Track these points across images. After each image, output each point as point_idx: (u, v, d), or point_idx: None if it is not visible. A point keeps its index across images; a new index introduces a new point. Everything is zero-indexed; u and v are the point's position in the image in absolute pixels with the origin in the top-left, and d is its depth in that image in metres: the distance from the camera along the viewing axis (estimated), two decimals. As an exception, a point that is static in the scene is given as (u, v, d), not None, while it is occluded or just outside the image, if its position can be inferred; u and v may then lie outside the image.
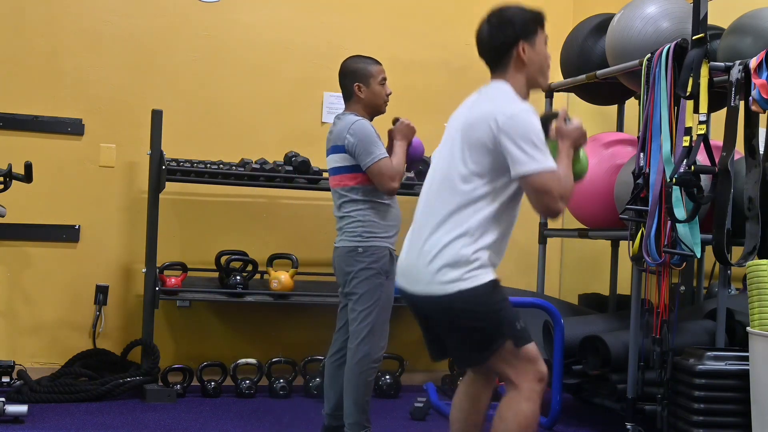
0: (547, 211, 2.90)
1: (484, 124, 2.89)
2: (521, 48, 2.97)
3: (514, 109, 2.87)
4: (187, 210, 5.37)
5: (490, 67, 3.06)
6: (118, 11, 5.32)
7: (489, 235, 2.89)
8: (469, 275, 2.85)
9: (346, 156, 3.79)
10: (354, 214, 3.80)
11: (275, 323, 5.47)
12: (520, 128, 2.84)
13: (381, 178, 3.73)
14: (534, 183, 2.83)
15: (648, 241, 3.88)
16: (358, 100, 3.90)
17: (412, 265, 2.95)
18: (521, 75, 3.00)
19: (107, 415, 4.45)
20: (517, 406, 2.88)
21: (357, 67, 3.94)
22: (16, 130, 5.13)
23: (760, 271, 3.53)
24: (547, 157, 2.85)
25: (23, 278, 5.14)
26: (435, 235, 2.90)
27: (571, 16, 5.89)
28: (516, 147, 2.82)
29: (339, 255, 3.87)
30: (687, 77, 3.79)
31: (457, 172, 2.93)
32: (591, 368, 4.38)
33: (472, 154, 2.90)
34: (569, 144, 3.01)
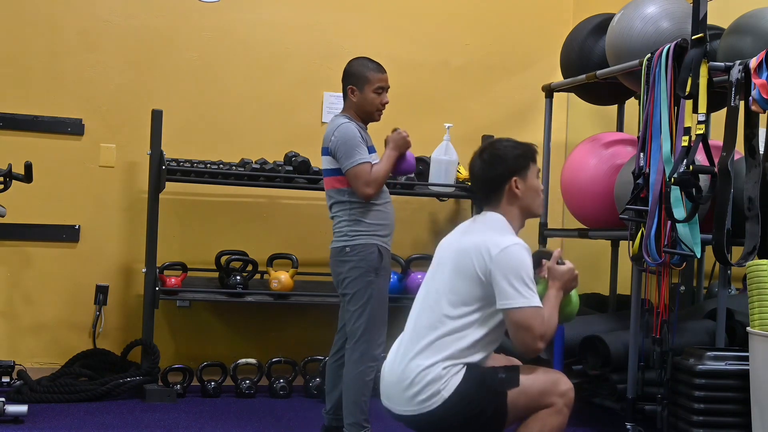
0: (525, 348, 2.94)
1: (476, 254, 2.95)
2: (514, 183, 3.04)
3: (507, 243, 2.94)
4: (187, 210, 5.37)
5: (483, 200, 3.13)
6: (118, 11, 5.32)
7: (475, 356, 2.96)
8: (445, 384, 2.90)
9: (332, 159, 3.80)
10: (341, 215, 3.83)
11: (275, 323, 5.47)
12: (511, 263, 2.90)
13: (356, 182, 3.74)
14: (517, 318, 2.89)
15: (648, 241, 3.88)
16: (350, 103, 3.91)
17: (393, 389, 3.01)
18: (514, 207, 3.07)
19: (107, 415, 4.45)
20: (545, 417, 2.94)
21: (356, 70, 3.94)
22: (16, 130, 5.13)
23: (760, 271, 3.53)
24: (534, 294, 2.91)
25: (23, 278, 5.14)
26: (417, 359, 2.95)
27: (571, 16, 5.89)
28: (505, 281, 2.88)
29: (331, 257, 3.91)
30: (686, 77, 3.79)
31: (446, 298, 2.98)
32: (591, 368, 4.38)
33: (463, 282, 2.96)
34: (559, 286, 3.06)
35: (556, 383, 2.98)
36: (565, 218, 5.73)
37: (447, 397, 2.89)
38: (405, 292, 5.27)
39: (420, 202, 5.72)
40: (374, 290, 3.79)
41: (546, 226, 5.20)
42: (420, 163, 5.49)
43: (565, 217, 5.65)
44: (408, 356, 2.97)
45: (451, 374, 2.91)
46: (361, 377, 3.76)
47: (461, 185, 5.39)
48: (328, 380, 3.97)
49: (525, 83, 5.83)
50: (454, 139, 5.33)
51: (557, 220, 5.77)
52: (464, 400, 2.90)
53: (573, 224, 5.18)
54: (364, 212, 3.80)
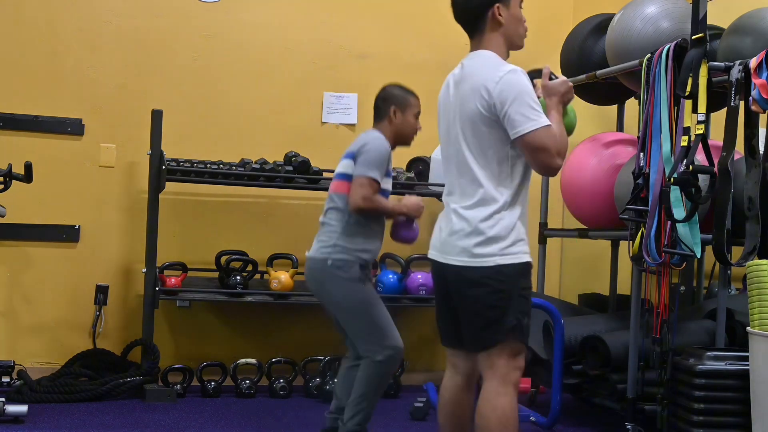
0: (546, 168, 2.94)
1: (476, 96, 2.93)
2: (496, 9, 3.01)
3: (501, 73, 2.91)
4: (187, 210, 5.37)
5: (467, 31, 3.09)
6: (118, 11, 5.32)
7: (516, 208, 2.94)
8: (507, 251, 2.91)
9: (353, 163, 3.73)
10: (334, 223, 3.72)
11: (275, 323, 5.47)
12: (512, 90, 2.88)
13: (358, 190, 3.64)
14: (531, 141, 2.87)
15: (648, 241, 3.88)
16: (389, 123, 3.84)
17: (448, 238, 2.99)
18: (498, 36, 3.04)
19: (107, 415, 4.45)
20: (495, 400, 2.92)
21: (398, 93, 3.90)
22: (16, 130, 5.13)
23: (760, 271, 3.53)
24: (541, 114, 2.89)
25: (23, 278, 5.14)
26: (469, 210, 2.94)
27: (571, 16, 5.89)
28: (511, 109, 2.87)
29: (309, 268, 3.78)
30: (686, 77, 3.79)
31: (469, 150, 2.96)
32: (591, 368, 4.38)
33: (477, 129, 2.94)
34: (557, 100, 3.05)
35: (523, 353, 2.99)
36: (565, 218, 5.73)
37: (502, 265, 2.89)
38: (405, 292, 5.27)
39: (420, 202, 5.72)
40: (362, 297, 3.73)
41: (546, 226, 5.21)
42: (420, 163, 5.50)
43: (565, 217, 5.65)
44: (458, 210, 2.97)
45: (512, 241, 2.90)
46: (376, 377, 3.68)
47: (461, 185, 5.39)
48: (340, 381, 3.91)
49: (525, 83, 5.83)
50: (454, 139, 5.33)
51: (557, 220, 5.77)
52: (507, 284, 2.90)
53: (573, 224, 5.18)
54: (358, 229, 3.71)
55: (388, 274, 5.27)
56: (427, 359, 5.35)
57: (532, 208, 3.21)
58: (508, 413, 2.91)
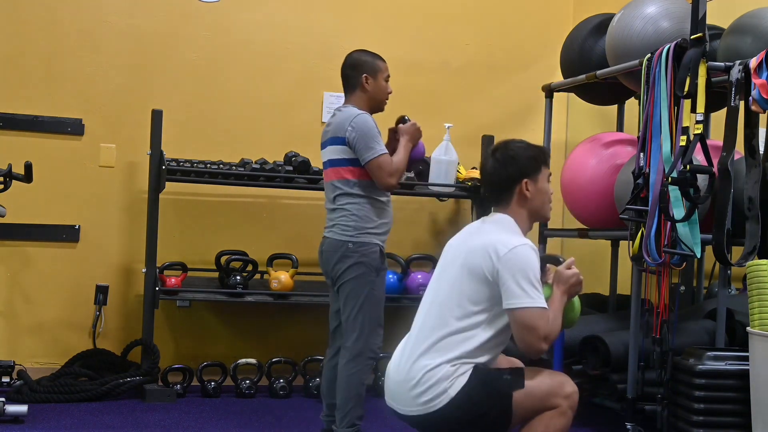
0: (529, 348, 2.94)
1: (484, 254, 2.95)
2: (524, 185, 3.05)
3: (515, 243, 2.95)
4: (187, 210, 5.37)
5: (493, 200, 3.13)
6: (118, 11, 5.32)
7: (482, 357, 2.96)
8: (451, 384, 2.91)
9: (346, 149, 3.74)
10: (349, 207, 3.75)
11: (275, 323, 5.47)
12: (519, 263, 2.91)
13: (380, 173, 3.70)
14: (521, 318, 2.90)
15: (648, 241, 3.88)
16: (363, 91, 3.86)
17: (399, 388, 3.01)
18: (523, 209, 3.08)
19: (107, 415, 4.45)
20: (549, 419, 2.94)
21: (366, 59, 3.91)
22: (16, 130, 5.13)
23: (760, 271, 3.53)
24: (540, 295, 2.92)
25: (23, 278, 5.15)
26: (423, 359, 2.95)
27: (571, 16, 5.89)
28: (512, 280, 2.89)
29: (328, 247, 3.82)
30: (685, 76, 3.79)
31: (454, 299, 2.98)
32: (591, 368, 4.38)
33: (470, 283, 2.97)
34: (564, 290, 3.06)
35: (561, 385, 2.98)
36: (565, 218, 5.73)
37: (453, 397, 2.89)
38: (405, 292, 5.27)
39: (420, 202, 5.72)
40: (374, 289, 3.78)
41: (546, 226, 5.20)
42: (420, 163, 5.50)
43: (565, 217, 5.65)
44: (414, 356, 2.98)
45: (458, 374, 2.91)
46: (358, 375, 3.74)
47: (461, 185, 5.39)
48: (325, 384, 3.94)
49: (525, 83, 5.83)
50: (454, 139, 5.33)
51: (557, 220, 5.77)
52: (470, 401, 2.90)
53: (573, 224, 5.18)
54: (372, 208, 3.75)
55: (389, 274, 5.26)
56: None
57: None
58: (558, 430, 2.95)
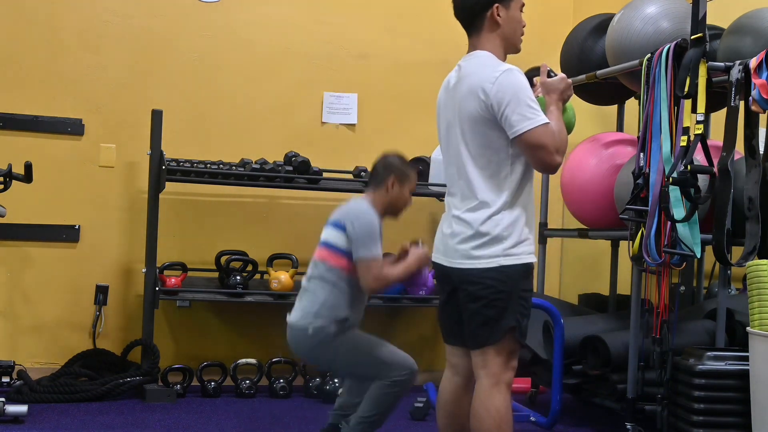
0: (545, 165, 2.95)
1: (474, 98, 2.94)
2: (496, 9, 3.02)
3: (497, 74, 2.92)
4: (187, 210, 5.37)
5: (465, 28, 3.10)
6: (118, 11, 5.32)
7: (516, 208, 2.95)
8: (510, 252, 2.92)
9: (344, 237, 3.67)
10: (318, 293, 3.67)
11: (275, 323, 5.43)
12: (508, 90, 2.89)
13: (367, 274, 3.60)
14: (529, 140, 2.89)
15: (648, 241, 3.88)
16: (385, 193, 3.77)
17: (451, 242, 3.00)
18: (496, 37, 3.05)
19: (107, 415, 4.45)
20: (488, 400, 2.93)
21: (400, 166, 3.80)
22: (16, 130, 5.13)
23: (760, 271, 3.53)
24: (539, 113, 2.91)
25: (23, 278, 5.14)
26: (470, 213, 2.95)
27: (571, 16, 5.90)
28: (508, 109, 2.88)
29: (291, 335, 3.73)
30: (685, 77, 3.79)
31: (468, 152, 2.97)
32: (591, 368, 4.38)
33: (475, 130, 2.95)
34: (556, 97, 3.06)
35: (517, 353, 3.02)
36: (565, 218, 5.73)
37: (504, 266, 2.91)
38: (405, 292, 5.27)
39: (420, 202, 5.71)
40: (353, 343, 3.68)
41: (546, 226, 5.21)
42: (420, 163, 5.50)
43: (565, 217, 5.65)
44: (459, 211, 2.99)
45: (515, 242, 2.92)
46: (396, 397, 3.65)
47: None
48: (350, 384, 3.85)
49: (525, 83, 5.83)
50: (454, 139, 5.33)
51: (557, 220, 5.77)
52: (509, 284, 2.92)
53: (573, 224, 5.18)
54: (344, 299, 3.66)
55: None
56: (427, 359, 5.34)
57: (532, 208, 3.21)
58: (502, 412, 2.93)
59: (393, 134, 5.65)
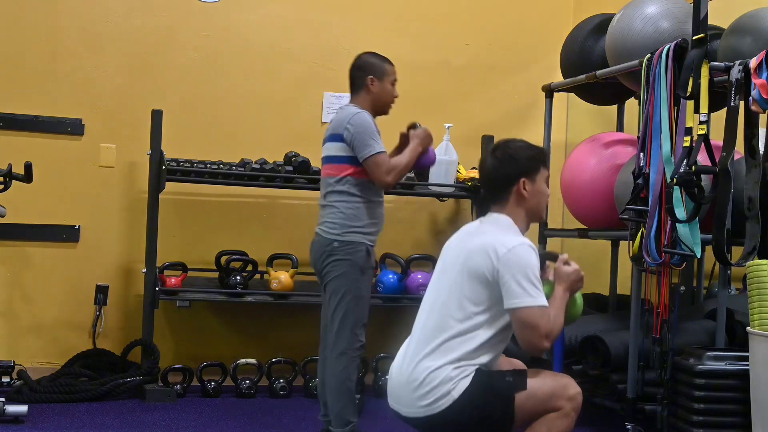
0: (531, 346, 2.94)
1: (483, 254, 2.95)
2: (522, 184, 3.05)
3: (514, 242, 2.95)
4: (187, 210, 5.37)
5: (489, 199, 3.13)
6: (118, 11, 5.32)
7: (483, 357, 2.96)
8: (454, 386, 2.90)
9: (344, 146, 3.76)
10: (338, 205, 3.76)
11: (275, 323, 5.47)
12: (519, 262, 2.91)
13: (377, 170, 3.70)
14: (523, 317, 2.90)
15: (648, 241, 3.88)
16: (367, 92, 3.87)
17: (401, 390, 3.01)
18: (520, 209, 3.08)
19: (107, 415, 4.45)
20: (552, 421, 2.94)
21: (373, 61, 3.92)
22: (16, 130, 5.13)
23: (760, 271, 3.53)
24: (540, 294, 2.92)
25: (23, 278, 5.14)
26: (425, 361, 2.95)
27: (571, 16, 5.89)
28: (512, 280, 2.89)
29: (316, 244, 3.85)
30: (687, 77, 3.79)
31: (454, 300, 2.98)
32: (591, 368, 4.38)
33: (470, 284, 2.96)
34: (565, 287, 3.07)
35: (565, 387, 2.97)
36: (565, 218, 5.73)
37: (456, 399, 2.89)
38: (405, 292, 5.27)
39: (420, 202, 5.72)
40: (357, 288, 3.77)
41: (546, 226, 5.20)
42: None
43: (565, 217, 5.65)
44: (417, 358, 2.98)
45: (461, 376, 2.91)
46: (345, 372, 3.74)
47: (461, 185, 5.39)
48: (320, 383, 3.93)
49: (525, 83, 5.83)
50: (454, 139, 5.33)
51: (557, 220, 5.77)
52: (473, 403, 2.90)
53: (573, 224, 5.18)
54: (362, 207, 3.76)
55: (388, 274, 5.26)
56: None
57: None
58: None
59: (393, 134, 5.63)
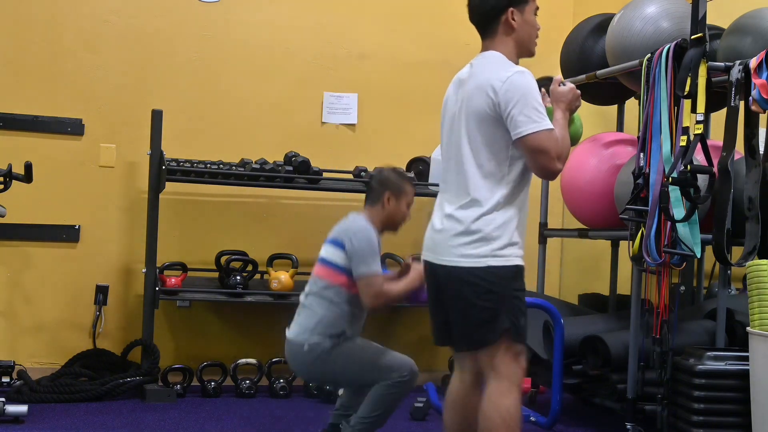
0: (545, 171, 2.95)
1: (482, 94, 2.94)
2: (510, 13, 3.02)
3: (508, 73, 2.93)
4: (187, 210, 5.37)
5: (480, 32, 3.11)
6: (118, 11, 5.32)
7: (510, 209, 2.94)
8: (499, 253, 2.91)
9: (343, 255, 3.69)
10: (316, 310, 3.67)
11: (275, 323, 5.43)
12: (517, 91, 2.89)
13: (368, 291, 3.63)
14: (531, 143, 2.89)
15: (648, 241, 3.88)
16: (382, 208, 3.78)
17: (440, 238, 3.00)
18: (510, 40, 3.05)
19: (107, 415, 4.45)
20: (499, 400, 2.92)
21: (395, 179, 3.83)
22: (16, 130, 5.13)
23: (760, 271, 3.53)
24: (544, 118, 2.91)
25: (23, 278, 5.14)
26: (462, 210, 2.94)
27: (571, 16, 5.90)
28: (515, 110, 2.88)
29: (288, 351, 3.73)
30: (685, 77, 3.79)
31: (469, 147, 2.97)
32: (591, 368, 4.38)
33: (480, 127, 2.95)
34: (564, 107, 3.07)
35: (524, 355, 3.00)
36: (565, 218, 5.73)
37: (493, 266, 2.89)
38: (405, 292, 5.26)
39: (420, 202, 5.68)
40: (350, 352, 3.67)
41: (546, 226, 5.21)
42: (420, 163, 5.50)
43: (565, 217, 5.65)
44: (451, 208, 2.98)
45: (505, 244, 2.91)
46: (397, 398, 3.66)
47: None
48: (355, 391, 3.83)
49: (525, 83, 5.83)
50: (454, 139, 5.33)
51: (557, 220, 5.77)
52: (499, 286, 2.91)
53: (573, 224, 5.18)
54: (340, 317, 3.67)
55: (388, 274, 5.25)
56: (427, 359, 5.34)
57: (532, 208, 3.21)
58: (512, 412, 2.93)
59: (393, 134, 5.66)
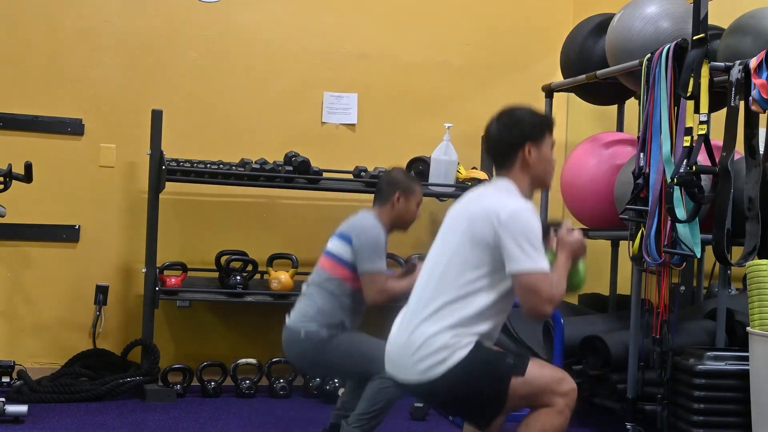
0: (534, 311, 2.92)
1: (486, 219, 2.93)
2: (527, 150, 3.04)
3: (516, 207, 2.93)
4: (187, 210, 5.37)
5: (496, 164, 3.13)
6: (118, 11, 5.32)
7: (483, 324, 2.93)
8: (451, 354, 2.88)
9: (350, 250, 3.72)
10: (317, 299, 3.72)
11: (275, 323, 5.42)
12: (520, 226, 2.89)
13: (371, 287, 3.67)
14: (525, 282, 2.88)
15: (648, 241, 3.88)
16: (392, 207, 3.82)
17: (399, 354, 3.00)
18: (525, 175, 3.06)
19: (107, 415, 4.45)
20: (545, 417, 2.91)
21: (404, 180, 3.88)
22: (16, 130, 5.13)
23: (760, 271, 3.53)
24: (542, 258, 2.90)
25: (23, 278, 5.14)
26: (423, 325, 2.93)
27: (571, 16, 5.89)
28: (514, 244, 2.87)
29: (285, 337, 3.78)
30: (688, 78, 3.79)
31: (456, 263, 2.96)
32: (591, 368, 4.38)
33: (473, 248, 2.94)
34: (568, 254, 3.06)
35: (560, 382, 2.95)
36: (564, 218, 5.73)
37: (450, 368, 2.87)
38: (405, 292, 5.26)
39: (420, 202, 5.72)
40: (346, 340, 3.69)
41: (546, 226, 5.20)
42: (420, 163, 5.50)
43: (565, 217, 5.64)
44: (414, 323, 2.95)
45: (458, 347, 2.88)
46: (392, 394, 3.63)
47: (461, 185, 5.39)
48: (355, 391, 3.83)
49: (525, 83, 5.82)
50: (454, 139, 5.33)
51: (557, 220, 5.76)
52: (466, 376, 2.87)
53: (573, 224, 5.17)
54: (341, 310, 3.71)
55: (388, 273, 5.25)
56: (427, 359, 5.34)
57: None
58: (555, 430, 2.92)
59: (393, 134, 5.65)
